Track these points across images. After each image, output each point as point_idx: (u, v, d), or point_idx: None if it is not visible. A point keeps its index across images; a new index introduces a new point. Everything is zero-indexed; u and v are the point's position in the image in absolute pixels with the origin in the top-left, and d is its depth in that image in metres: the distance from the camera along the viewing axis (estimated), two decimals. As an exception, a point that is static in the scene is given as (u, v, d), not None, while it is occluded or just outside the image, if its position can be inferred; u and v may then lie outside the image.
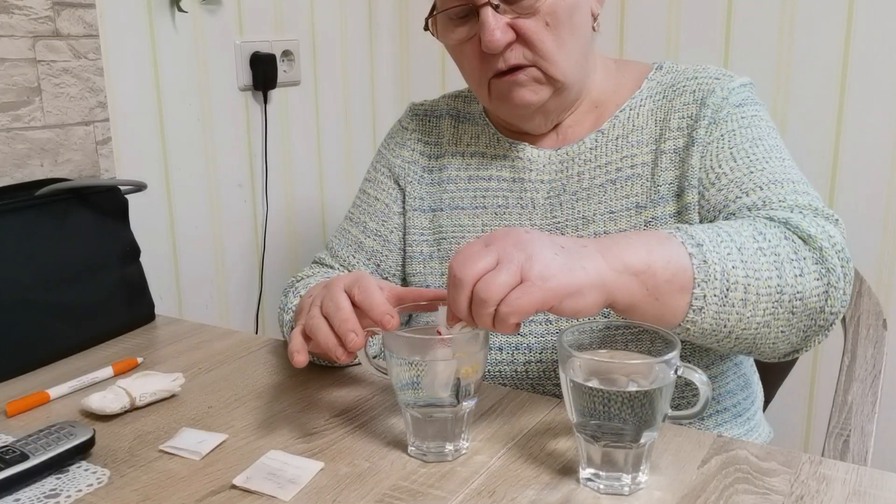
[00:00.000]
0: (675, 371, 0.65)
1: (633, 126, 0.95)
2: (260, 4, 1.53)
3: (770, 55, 1.51)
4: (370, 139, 1.86)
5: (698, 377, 0.66)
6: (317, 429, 0.80)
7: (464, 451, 0.74)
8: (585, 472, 0.69)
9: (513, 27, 0.88)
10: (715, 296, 0.71)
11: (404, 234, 1.05)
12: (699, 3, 1.55)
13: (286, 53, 1.58)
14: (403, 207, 1.06)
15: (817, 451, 0.92)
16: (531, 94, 0.92)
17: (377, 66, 1.86)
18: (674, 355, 0.65)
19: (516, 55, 0.89)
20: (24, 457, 0.70)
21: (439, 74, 1.84)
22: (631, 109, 0.96)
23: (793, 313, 0.75)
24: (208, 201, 1.47)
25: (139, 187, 1.16)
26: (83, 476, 0.72)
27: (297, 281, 1.04)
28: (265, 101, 1.55)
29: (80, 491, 0.70)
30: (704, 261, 0.71)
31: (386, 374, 0.75)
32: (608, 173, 0.94)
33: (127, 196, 1.14)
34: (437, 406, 0.72)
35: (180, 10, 1.36)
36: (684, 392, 0.89)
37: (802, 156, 0.90)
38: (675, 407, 0.68)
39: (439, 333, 0.70)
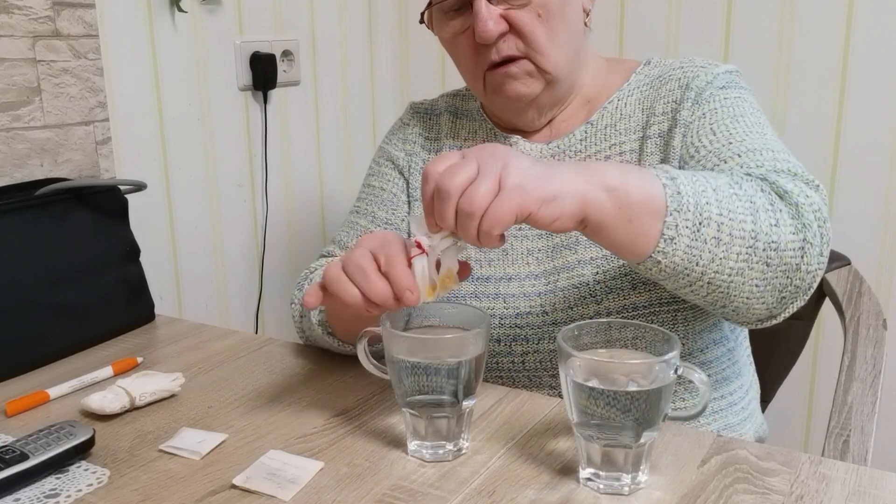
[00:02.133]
0: (675, 371, 0.65)
1: (621, 115, 0.97)
2: (260, 4, 1.53)
3: (770, 55, 1.51)
4: (370, 139, 1.86)
5: (698, 377, 0.66)
6: (317, 429, 0.80)
7: (464, 451, 0.74)
8: (585, 472, 0.69)
9: (505, 18, 0.91)
10: (687, 227, 0.70)
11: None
12: (699, 2, 1.55)
13: (286, 53, 1.58)
14: (409, 197, 1.07)
15: (817, 451, 0.92)
16: (523, 86, 0.93)
17: (377, 66, 1.86)
18: (674, 355, 0.65)
19: (509, 46, 0.91)
20: (23, 457, 0.70)
21: (439, 74, 1.84)
22: (619, 100, 0.98)
23: (767, 265, 0.74)
24: (208, 201, 1.47)
25: (139, 187, 1.16)
26: (83, 476, 0.72)
27: (312, 272, 1.04)
28: (265, 101, 1.55)
29: (79, 491, 0.70)
30: (678, 192, 0.71)
31: (386, 374, 0.75)
32: (597, 161, 0.96)
33: (127, 196, 1.14)
34: (437, 406, 0.72)
35: (180, 10, 1.36)
36: (684, 392, 0.89)
37: (802, 156, 0.89)
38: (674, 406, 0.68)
39: (418, 245, 0.70)
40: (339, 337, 0.92)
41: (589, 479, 0.68)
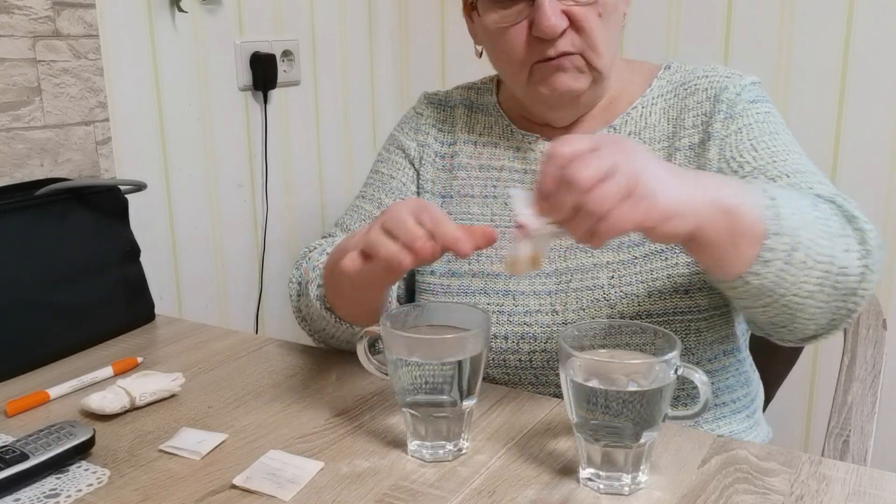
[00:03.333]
0: (675, 371, 0.65)
1: (646, 124, 0.96)
2: (260, 4, 1.53)
3: (770, 55, 1.51)
4: (370, 139, 1.86)
5: (698, 377, 0.66)
6: (317, 429, 0.80)
7: (464, 451, 0.74)
8: (585, 472, 0.69)
9: (567, 14, 0.89)
10: (783, 251, 0.71)
11: None
12: (699, 2, 1.55)
13: (286, 53, 1.58)
14: (418, 188, 1.06)
15: (817, 451, 0.92)
16: (573, 81, 0.92)
17: (377, 66, 1.86)
18: (674, 355, 0.65)
19: (565, 43, 0.90)
20: (24, 457, 0.70)
21: (439, 74, 1.84)
22: (643, 107, 0.97)
23: (835, 288, 0.75)
24: (208, 201, 1.47)
25: (139, 187, 1.16)
26: (83, 476, 0.72)
27: (311, 250, 1.01)
28: (265, 101, 1.55)
29: (80, 491, 0.70)
30: (778, 215, 0.72)
31: (386, 374, 0.75)
32: None
33: (127, 196, 1.14)
34: (437, 406, 0.72)
35: (180, 10, 1.36)
36: (684, 386, 0.89)
37: (802, 156, 0.91)
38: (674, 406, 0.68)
39: (520, 226, 0.67)
40: (338, 314, 0.89)
41: (589, 479, 0.68)
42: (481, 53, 1.01)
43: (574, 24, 0.90)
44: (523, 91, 0.96)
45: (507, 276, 0.96)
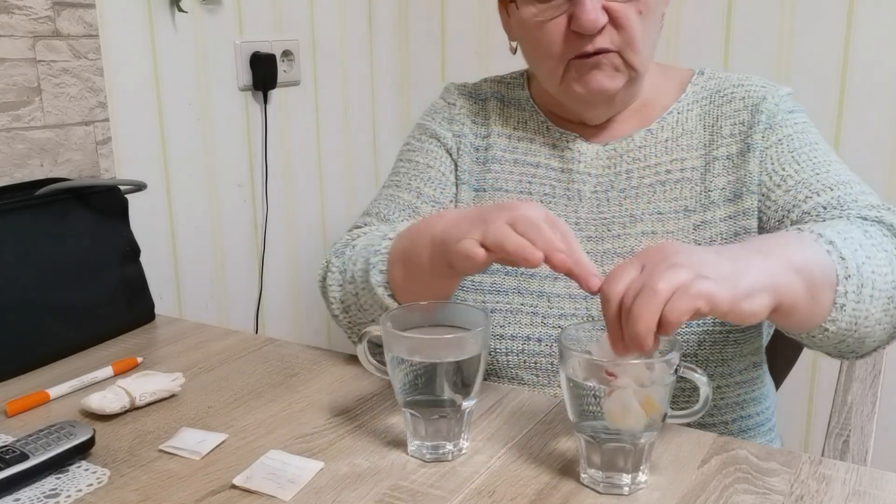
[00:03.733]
0: (675, 371, 0.65)
1: (683, 130, 0.96)
2: (260, 4, 1.53)
3: (770, 55, 1.51)
4: (370, 139, 1.86)
5: (698, 377, 0.66)
6: (317, 429, 0.80)
7: (464, 451, 0.74)
8: (585, 472, 0.69)
9: (607, 10, 0.88)
10: (853, 292, 0.72)
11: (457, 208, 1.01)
12: (699, 3, 1.55)
13: (286, 53, 1.58)
14: (456, 179, 1.03)
15: (817, 451, 0.92)
16: (609, 80, 0.91)
17: (377, 66, 1.86)
18: (674, 355, 0.65)
19: (604, 39, 0.89)
20: (24, 457, 0.70)
21: (439, 74, 1.84)
22: (679, 113, 0.97)
23: None
24: (208, 201, 1.47)
25: (139, 187, 1.16)
26: (83, 476, 0.72)
27: (354, 240, 0.95)
28: (265, 101, 1.55)
29: (80, 491, 0.70)
30: (842, 257, 0.72)
31: (386, 374, 0.75)
32: (657, 174, 0.95)
33: (127, 196, 1.14)
34: (437, 406, 0.72)
35: (180, 10, 1.36)
36: (684, 386, 0.89)
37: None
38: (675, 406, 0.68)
39: (609, 374, 0.64)
40: (400, 300, 0.85)
41: (589, 479, 0.68)
42: (516, 49, 1.00)
43: (613, 21, 0.89)
44: (557, 88, 0.95)
45: (542, 276, 0.93)
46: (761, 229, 0.90)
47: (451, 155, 1.04)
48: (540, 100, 1.04)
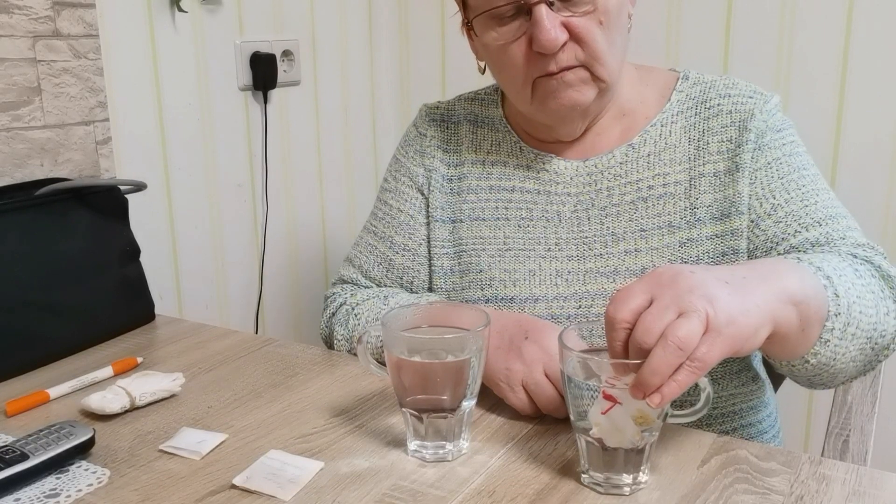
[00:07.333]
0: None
1: (667, 144, 0.94)
2: (260, 4, 1.53)
3: (770, 55, 1.51)
4: (370, 139, 1.86)
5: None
6: (317, 429, 0.80)
7: (464, 451, 0.74)
8: (585, 473, 0.69)
9: (566, 26, 0.86)
10: (839, 329, 0.73)
11: (429, 246, 1.03)
12: (699, 3, 1.55)
13: (286, 53, 1.58)
14: (427, 217, 1.03)
15: (817, 451, 0.92)
16: (578, 94, 0.89)
17: (377, 66, 1.86)
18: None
19: (568, 56, 0.87)
20: (24, 457, 0.70)
21: (439, 74, 1.84)
22: (663, 125, 0.95)
23: (872, 349, 0.78)
24: (208, 201, 1.47)
25: (139, 187, 1.15)
26: (83, 476, 0.72)
27: (353, 308, 1.00)
28: (265, 101, 1.55)
29: (80, 491, 0.70)
30: (836, 294, 0.73)
31: (386, 374, 0.75)
32: (639, 190, 0.93)
33: (127, 196, 1.14)
34: (436, 406, 0.72)
35: (180, 10, 1.36)
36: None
37: (802, 156, 0.91)
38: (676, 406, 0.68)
39: (608, 397, 0.64)
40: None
41: (589, 480, 0.68)
42: (484, 69, 0.99)
43: (575, 37, 0.86)
44: (528, 107, 0.93)
45: (522, 299, 0.94)
46: (748, 254, 0.89)
47: (422, 192, 1.04)
48: (514, 119, 1.02)
